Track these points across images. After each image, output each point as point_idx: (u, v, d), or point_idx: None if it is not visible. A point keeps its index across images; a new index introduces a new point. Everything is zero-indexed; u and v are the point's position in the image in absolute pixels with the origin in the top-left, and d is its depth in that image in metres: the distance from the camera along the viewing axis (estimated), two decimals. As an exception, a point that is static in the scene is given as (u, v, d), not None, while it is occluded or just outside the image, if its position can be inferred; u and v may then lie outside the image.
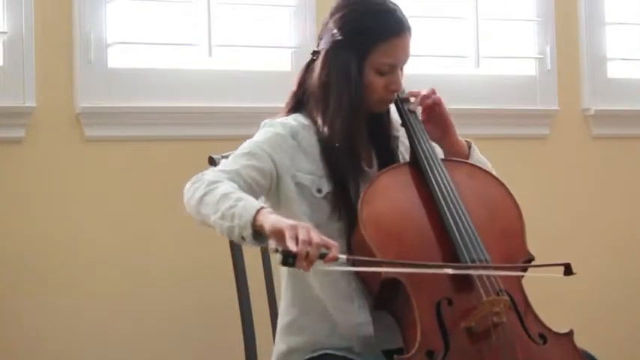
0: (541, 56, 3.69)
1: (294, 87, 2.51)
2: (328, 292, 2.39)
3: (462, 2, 3.57)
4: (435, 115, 2.51)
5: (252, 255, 2.69)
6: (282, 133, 2.41)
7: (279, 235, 2.08)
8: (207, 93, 3.24)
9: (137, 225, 3.14)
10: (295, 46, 3.33)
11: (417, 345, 2.20)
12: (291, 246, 2.04)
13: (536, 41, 3.70)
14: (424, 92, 2.51)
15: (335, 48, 2.41)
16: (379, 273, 2.25)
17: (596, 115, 3.75)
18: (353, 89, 2.38)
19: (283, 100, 3.22)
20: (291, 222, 2.10)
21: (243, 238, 2.17)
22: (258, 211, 2.14)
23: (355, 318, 2.39)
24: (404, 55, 2.43)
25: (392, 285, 2.27)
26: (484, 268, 2.28)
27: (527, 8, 3.70)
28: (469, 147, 2.56)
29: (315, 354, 2.40)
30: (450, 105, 2.55)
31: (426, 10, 3.55)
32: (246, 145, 2.41)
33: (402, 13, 2.44)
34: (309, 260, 2.05)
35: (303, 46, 3.32)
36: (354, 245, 2.36)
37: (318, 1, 3.35)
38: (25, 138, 3.03)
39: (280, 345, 2.47)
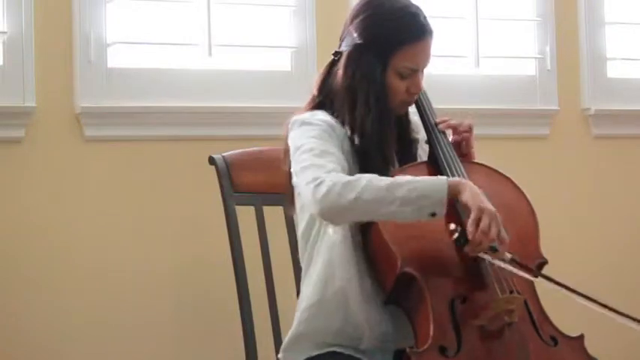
0: (541, 56, 3.69)
1: (314, 88, 2.49)
2: (350, 283, 2.37)
3: (462, 2, 3.57)
4: (461, 148, 2.52)
5: (252, 255, 2.69)
6: (324, 127, 2.39)
7: (467, 210, 2.20)
8: (207, 93, 3.24)
9: (137, 225, 3.14)
10: (295, 46, 3.33)
11: (429, 340, 2.20)
12: (471, 230, 2.17)
13: (536, 41, 3.70)
14: (460, 122, 2.52)
15: (357, 51, 2.41)
16: (395, 266, 2.25)
17: (596, 115, 3.75)
18: (379, 90, 2.39)
19: (283, 100, 3.24)
20: (480, 203, 2.19)
21: (433, 214, 2.22)
22: (448, 186, 2.21)
23: (369, 314, 2.37)
24: (425, 59, 2.43)
25: (407, 280, 2.27)
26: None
27: (527, 8, 3.70)
28: None
29: (322, 350, 2.39)
30: (450, 105, 2.56)
31: (426, 10, 3.54)
32: (311, 147, 2.34)
33: (424, 16, 2.44)
34: (477, 250, 2.19)
35: (303, 46, 3.33)
36: (370, 237, 2.35)
37: (318, 1, 3.35)
38: (25, 138, 3.03)
39: (296, 329, 2.44)
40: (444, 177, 2.25)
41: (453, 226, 2.23)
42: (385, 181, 2.23)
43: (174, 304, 3.17)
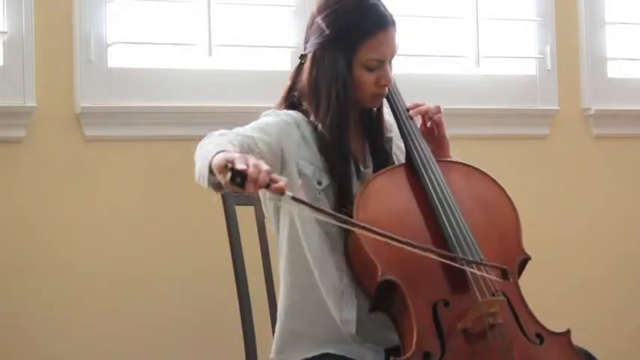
0: (541, 56, 3.69)
1: (284, 91, 2.53)
2: (322, 281, 2.39)
3: (462, 2, 3.57)
4: (433, 133, 2.52)
5: (252, 255, 2.70)
6: (288, 121, 2.43)
7: (230, 161, 2.04)
8: (207, 93, 3.24)
9: (137, 225, 3.14)
10: (295, 46, 3.33)
11: (413, 347, 2.21)
12: (241, 166, 2.00)
13: (536, 41, 3.70)
14: (429, 107, 2.51)
15: (322, 49, 2.42)
16: (376, 274, 2.26)
17: (596, 115, 3.75)
18: (341, 86, 2.39)
19: (283, 100, 3.23)
20: (235, 154, 2.08)
21: (203, 178, 2.18)
22: (217, 153, 2.13)
23: (340, 313, 2.39)
24: (390, 50, 2.43)
25: (388, 286, 2.28)
26: (475, 264, 2.28)
27: (527, 8, 3.70)
28: None
29: (316, 353, 2.40)
30: (450, 105, 2.56)
31: (426, 10, 3.55)
32: (256, 123, 2.41)
33: (384, 7, 2.44)
34: (257, 183, 2.01)
35: (302, 46, 3.32)
36: (350, 248, 2.37)
37: (318, 1, 3.35)
38: (25, 138, 3.03)
39: (282, 330, 2.46)
40: (226, 148, 2.17)
41: (223, 167, 2.06)
42: (215, 144, 2.21)
43: (174, 305, 3.17)
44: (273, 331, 2.63)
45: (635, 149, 3.84)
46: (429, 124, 2.52)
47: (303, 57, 2.49)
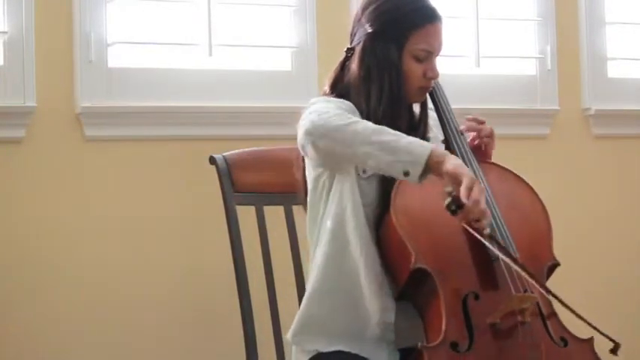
0: (541, 56, 3.69)
1: (326, 86, 2.51)
2: (367, 269, 2.37)
3: (462, 2, 3.57)
4: (480, 151, 2.53)
5: (252, 255, 2.69)
6: (343, 106, 2.40)
7: (456, 179, 2.14)
8: (207, 93, 3.24)
9: (137, 225, 3.14)
10: (295, 46, 3.33)
11: (442, 335, 2.21)
12: (464, 196, 2.11)
13: (537, 41, 3.70)
14: (484, 127, 2.54)
15: (372, 39, 2.43)
16: (409, 262, 2.26)
17: (596, 115, 3.75)
18: (395, 75, 2.42)
19: (284, 100, 3.24)
20: (469, 172, 2.16)
21: (406, 174, 2.19)
22: (432, 150, 2.19)
23: (381, 301, 2.37)
24: (438, 42, 2.47)
25: (420, 275, 2.28)
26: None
27: (527, 8, 3.70)
28: None
29: (330, 348, 2.39)
30: (450, 105, 2.56)
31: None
32: (320, 108, 2.36)
33: (431, 3, 2.48)
34: (468, 218, 2.13)
35: (303, 46, 3.33)
36: (384, 232, 2.36)
37: (318, 1, 3.35)
38: (25, 138, 3.03)
39: (303, 312, 2.44)
40: (431, 143, 2.24)
41: (449, 188, 2.15)
42: (382, 128, 2.24)
43: (174, 305, 3.17)
44: (274, 331, 2.63)
45: (635, 149, 3.84)
46: (476, 142, 2.54)
47: (349, 50, 2.49)
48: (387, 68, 2.41)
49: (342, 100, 2.44)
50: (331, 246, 2.42)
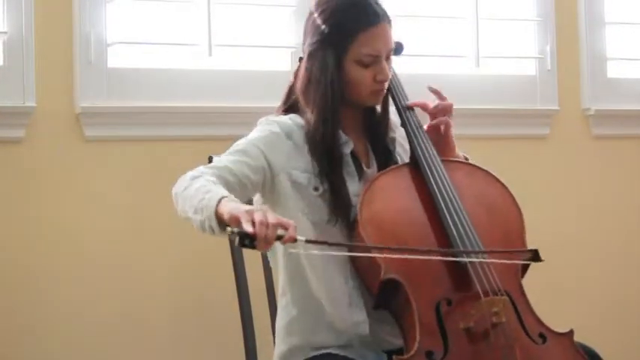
0: (541, 56, 3.69)
1: (284, 94, 2.54)
2: (325, 289, 2.40)
3: (462, 2, 3.57)
4: (439, 132, 2.52)
5: (252, 255, 2.69)
6: (277, 132, 2.42)
7: (236, 220, 2.09)
8: (207, 93, 3.24)
9: (137, 225, 3.14)
10: (295, 46, 3.32)
11: (416, 345, 2.21)
12: (248, 227, 2.05)
13: (536, 41, 3.70)
14: (437, 104, 2.52)
15: (315, 49, 2.42)
16: (379, 273, 2.26)
17: (596, 115, 3.75)
18: (329, 85, 2.39)
19: (283, 100, 3.23)
20: (247, 207, 2.11)
21: (212, 229, 2.18)
22: (219, 201, 2.16)
23: (351, 316, 2.39)
24: (383, 45, 2.41)
25: (391, 285, 2.28)
26: (475, 253, 2.29)
27: (527, 8, 3.70)
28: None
29: (317, 352, 2.40)
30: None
31: (426, 10, 3.55)
32: (239, 143, 2.43)
33: (377, 3, 2.44)
34: (267, 241, 2.06)
35: (302, 48, 3.32)
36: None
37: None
38: (25, 138, 3.03)
39: (281, 346, 2.47)
40: (224, 193, 2.20)
41: (229, 229, 2.11)
42: (202, 186, 2.24)
43: (174, 304, 3.17)
44: (273, 332, 2.63)
45: (634, 149, 3.84)
46: (434, 122, 2.52)
47: (300, 59, 2.50)
48: (324, 79, 2.39)
49: (280, 121, 2.44)
50: (287, 274, 2.44)
